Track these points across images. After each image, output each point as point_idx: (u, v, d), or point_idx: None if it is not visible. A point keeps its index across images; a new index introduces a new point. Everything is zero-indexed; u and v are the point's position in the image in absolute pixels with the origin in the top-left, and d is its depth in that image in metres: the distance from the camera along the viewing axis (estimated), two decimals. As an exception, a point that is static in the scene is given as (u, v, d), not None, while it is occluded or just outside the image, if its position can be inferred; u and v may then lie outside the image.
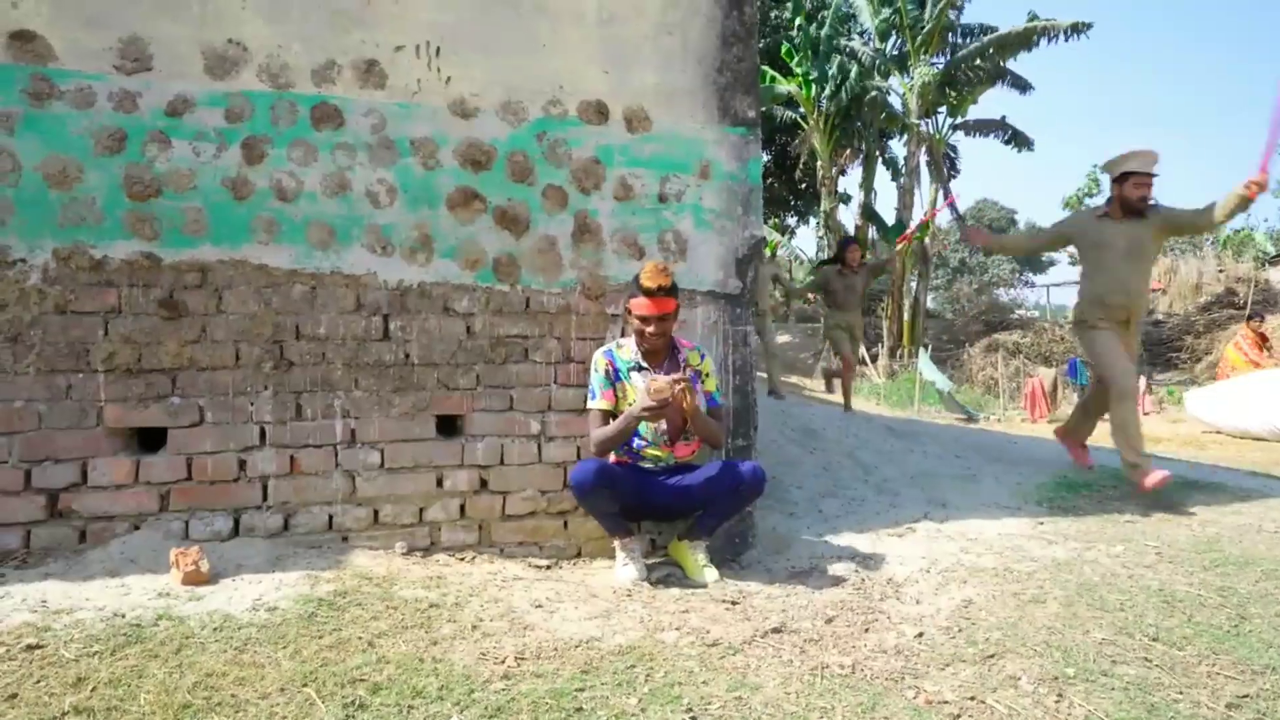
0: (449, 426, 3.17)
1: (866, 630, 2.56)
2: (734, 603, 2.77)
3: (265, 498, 2.92)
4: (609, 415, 3.10)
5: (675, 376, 2.89)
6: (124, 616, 2.24)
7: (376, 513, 3.05)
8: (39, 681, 1.86)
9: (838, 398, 12.05)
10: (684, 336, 3.35)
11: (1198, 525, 3.80)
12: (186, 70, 2.83)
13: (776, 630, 2.49)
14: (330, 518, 2.99)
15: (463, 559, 3.07)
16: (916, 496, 4.27)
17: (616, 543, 3.12)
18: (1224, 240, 21.44)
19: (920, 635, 2.50)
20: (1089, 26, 15.50)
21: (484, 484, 3.18)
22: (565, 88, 3.27)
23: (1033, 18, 16.06)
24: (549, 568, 3.10)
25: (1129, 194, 4.43)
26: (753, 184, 3.52)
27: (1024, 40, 15.80)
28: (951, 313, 23.15)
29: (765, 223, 23.75)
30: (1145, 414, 11.47)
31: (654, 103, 3.38)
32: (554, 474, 3.25)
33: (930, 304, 28.29)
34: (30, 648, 2.01)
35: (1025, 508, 4.14)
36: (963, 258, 43.74)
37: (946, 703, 2.07)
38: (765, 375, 7.49)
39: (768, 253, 26.04)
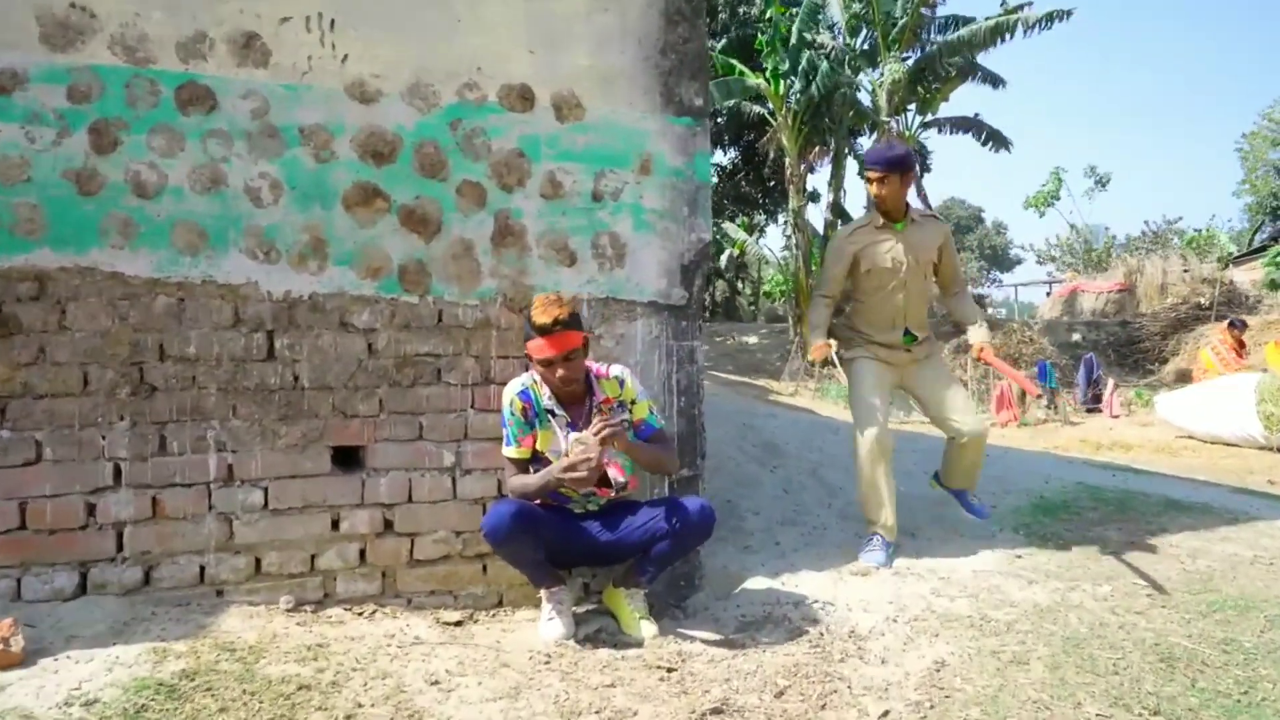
0: (347, 459, 2.74)
1: (823, 708, 2.18)
2: (670, 669, 2.37)
3: (120, 548, 2.47)
4: (527, 463, 2.68)
5: (597, 427, 2.46)
6: (-106, 718, 1.79)
7: (259, 561, 2.61)
8: None
9: (804, 403, 11.76)
10: (623, 352, 2.95)
11: (1187, 557, 3.48)
12: (17, 39, 2.37)
13: (716, 711, 2.10)
14: (201, 569, 2.55)
15: (360, 614, 2.64)
16: (883, 524, 3.90)
17: (543, 592, 2.72)
18: (1188, 240, 21.51)
19: (885, 715, 2.12)
20: (1068, 14, 15.09)
21: (388, 525, 2.75)
22: (484, 69, 2.85)
23: (1008, 10, 15.75)
24: (460, 624, 2.68)
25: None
26: (700, 181, 3.13)
27: (997, 32, 15.48)
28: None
29: (733, 221, 23.42)
30: (1114, 417, 11.32)
31: (588, 88, 2.97)
32: (471, 512, 2.84)
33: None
34: None
35: (1001, 535, 3.80)
36: (931, 256, 43.94)
37: (916, 817, 1.69)
38: None
39: (734, 252, 25.71)
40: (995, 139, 17.43)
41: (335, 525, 2.70)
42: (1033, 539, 3.75)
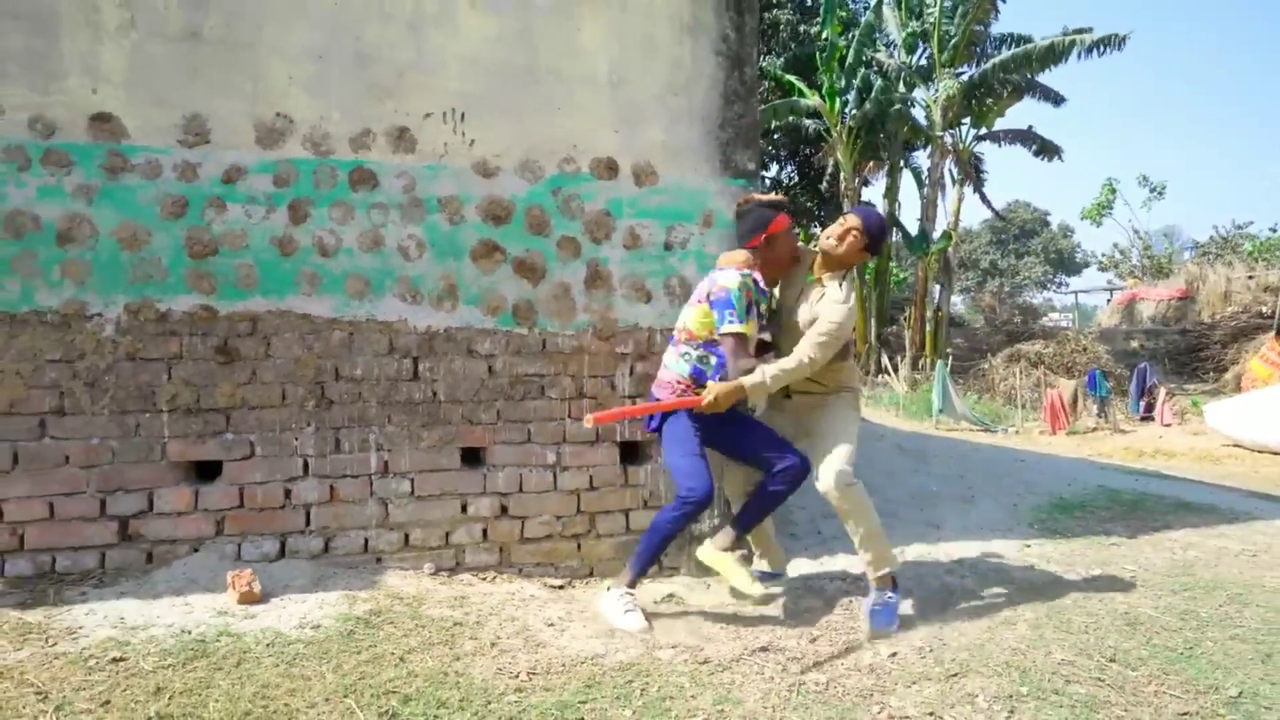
0: (472, 458, 3.49)
1: (847, 649, 2.83)
2: (727, 622, 3.05)
3: (308, 523, 3.25)
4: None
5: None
6: (190, 633, 2.58)
7: (407, 536, 3.37)
8: (125, 690, 2.20)
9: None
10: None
11: (1179, 549, 4.01)
12: (240, 141, 3.18)
13: (763, 649, 2.77)
14: (366, 541, 3.32)
15: (485, 579, 3.38)
16: (914, 518, 4.51)
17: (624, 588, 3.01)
18: (1254, 247, 21.23)
19: (894, 655, 2.76)
20: (1124, 40, 15.14)
21: (504, 510, 3.49)
22: (579, 146, 3.58)
23: (1066, 32, 15.92)
24: (562, 587, 3.40)
25: None
26: (752, 231, 3.80)
27: (1053, 54, 15.66)
28: (981, 319, 23.14)
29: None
30: (1165, 426, 11.54)
31: (661, 159, 3.68)
32: (568, 500, 3.56)
33: (960, 307, 28.23)
34: (115, 660, 2.36)
35: (1016, 529, 4.37)
36: (993, 260, 43.52)
37: (908, 718, 2.34)
38: None
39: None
40: (1047, 150, 17.61)
41: (464, 509, 3.44)
42: (1045, 533, 4.31)
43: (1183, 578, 3.55)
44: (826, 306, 3.12)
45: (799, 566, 3.79)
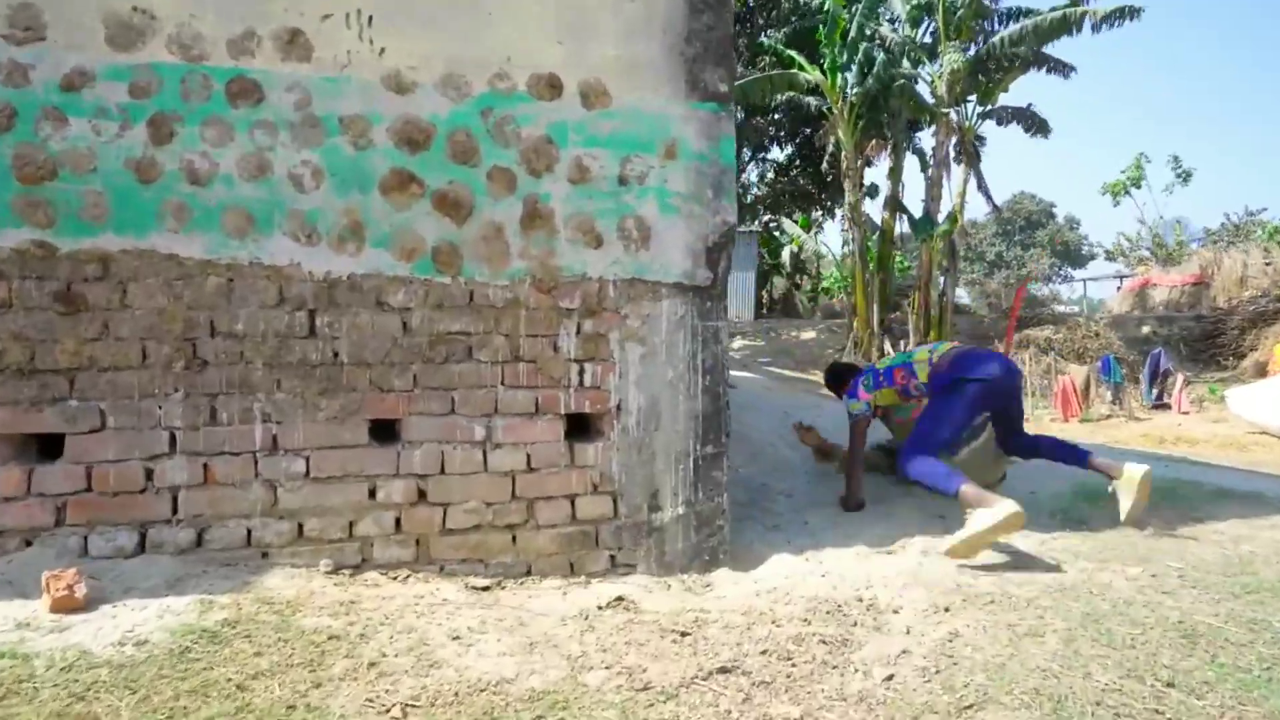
0: (383, 432, 2.89)
1: (831, 669, 2.24)
2: (684, 633, 2.45)
3: (175, 510, 2.66)
4: None
5: None
6: (-31, 651, 1.99)
7: (301, 527, 2.78)
8: None
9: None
10: (649, 331, 3.06)
11: (1229, 543, 3.40)
12: (86, 40, 2.58)
13: (724, 670, 2.17)
14: (249, 532, 2.73)
15: (395, 578, 2.79)
16: (914, 507, 3.90)
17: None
18: (1271, 231, 20.55)
19: (890, 678, 2.16)
20: (1138, 11, 14.59)
21: (422, 495, 2.90)
22: (514, 60, 2.97)
23: (1074, 2, 15.29)
24: (488, 588, 2.81)
25: None
26: (725, 165, 3.20)
27: (1063, 26, 15.03)
28: (986, 308, 22.51)
29: (790, 217, 23.21)
30: (1182, 413, 10.93)
31: (614, 76, 3.07)
32: (500, 484, 2.96)
33: (965, 298, 27.56)
34: None
35: (1036, 520, 3.75)
36: (999, 251, 42.75)
37: (906, 769, 1.74)
38: None
39: (794, 248, 25.46)
40: (1039, 127, 16.87)
41: (372, 494, 2.85)
42: (1068, 523, 3.71)
43: (1243, 578, 2.94)
44: None
45: (780, 561, 3.20)
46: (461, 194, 2.92)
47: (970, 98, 16.82)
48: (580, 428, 3.10)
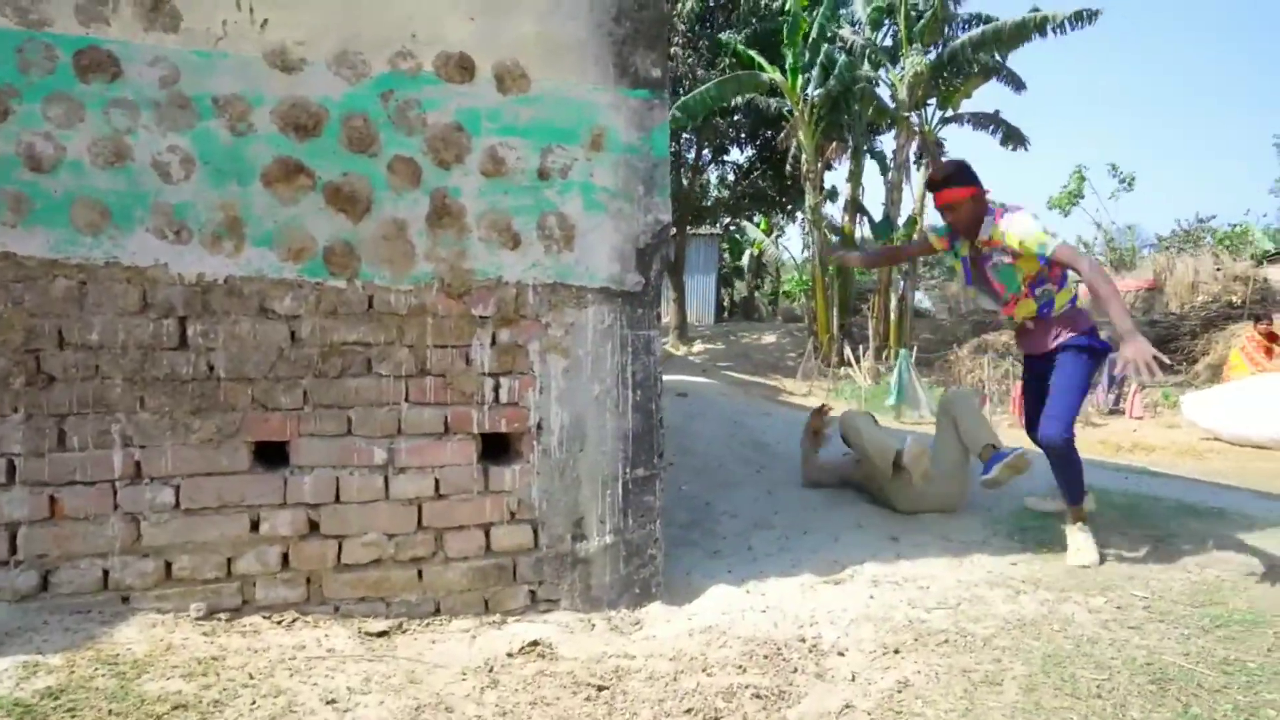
0: (268, 456, 2.55)
1: (763, 731, 1.95)
2: (601, 688, 2.15)
3: (14, 550, 2.29)
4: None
5: None
6: None
7: (169, 565, 2.43)
8: None
9: (812, 402, 11.44)
10: (573, 341, 2.75)
11: (1195, 566, 3.19)
12: (-97, 3, 2.21)
13: (639, 737, 1.88)
14: (105, 573, 2.37)
15: (279, 622, 2.45)
16: (866, 527, 3.65)
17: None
18: (1220, 238, 20.86)
19: (828, 744, 1.89)
20: (1095, 15, 14.67)
21: (314, 527, 2.56)
22: (419, 37, 2.65)
23: (1034, 9, 15.32)
24: (386, 633, 2.47)
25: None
26: (657, 158, 2.91)
27: (1022, 32, 15.05)
28: (946, 311, 22.57)
29: (751, 220, 23.03)
30: (1136, 418, 10.90)
31: (533, 57, 2.76)
32: (404, 513, 2.64)
33: (926, 303, 27.61)
34: None
35: (993, 542, 3.53)
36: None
37: None
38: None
39: (754, 252, 25.28)
40: (1014, 137, 16.97)
41: (255, 527, 2.51)
42: (1028, 545, 3.48)
43: (1211, 609, 2.72)
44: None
45: (718, 593, 2.91)
46: (358, 187, 2.59)
47: (930, 102, 16.79)
48: (496, 449, 2.78)
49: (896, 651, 2.40)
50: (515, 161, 2.74)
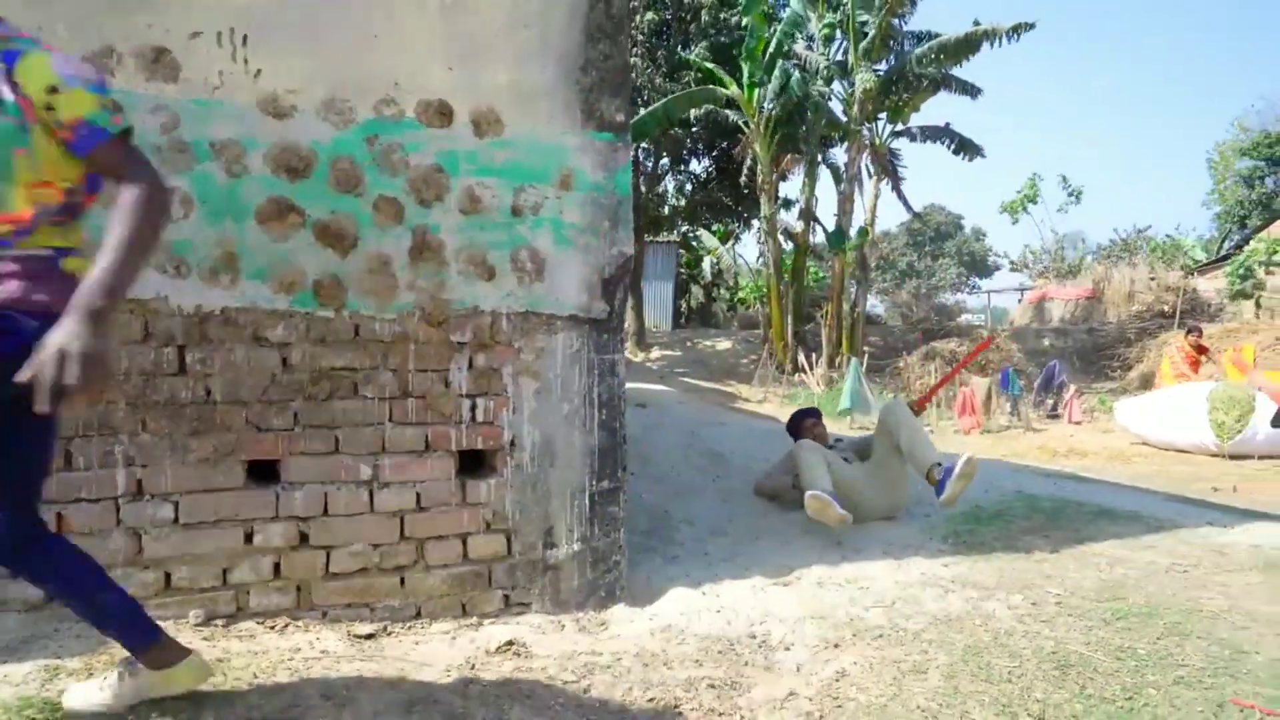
0: (261, 473, 2.75)
1: (718, 717, 2.22)
2: (573, 681, 2.40)
3: (24, 563, 2.46)
4: None
5: None
6: None
7: (169, 576, 2.61)
8: None
9: (771, 410, 11.80)
10: (544, 365, 3.00)
11: (1106, 566, 3.55)
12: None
13: (608, 723, 2.13)
14: (109, 584, 2.54)
15: (273, 627, 2.65)
16: (812, 533, 3.94)
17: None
18: (1154, 248, 21.82)
19: (773, 726, 2.16)
20: (1031, 26, 15.39)
21: (304, 538, 2.76)
22: (402, 85, 2.87)
23: (976, 24, 15.96)
24: (373, 636, 2.69)
25: None
26: (621, 195, 3.17)
27: (968, 46, 15.66)
28: (899, 317, 23.21)
29: (708, 228, 23.42)
30: (1074, 423, 11.45)
31: (507, 104, 3.00)
32: (388, 524, 2.85)
33: (879, 308, 28.35)
34: None
35: (929, 545, 3.85)
36: (910, 261, 44.16)
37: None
38: None
39: (713, 259, 25.77)
40: (966, 147, 17.56)
41: (249, 539, 2.70)
42: (960, 548, 3.81)
43: (1114, 603, 3.06)
44: None
45: (677, 596, 3.17)
46: (345, 224, 2.81)
47: (881, 116, 17.32)
48: (473, 465, 3.01)
49: (837, 646, 2.69)
50: (491, 200, 2.98)
